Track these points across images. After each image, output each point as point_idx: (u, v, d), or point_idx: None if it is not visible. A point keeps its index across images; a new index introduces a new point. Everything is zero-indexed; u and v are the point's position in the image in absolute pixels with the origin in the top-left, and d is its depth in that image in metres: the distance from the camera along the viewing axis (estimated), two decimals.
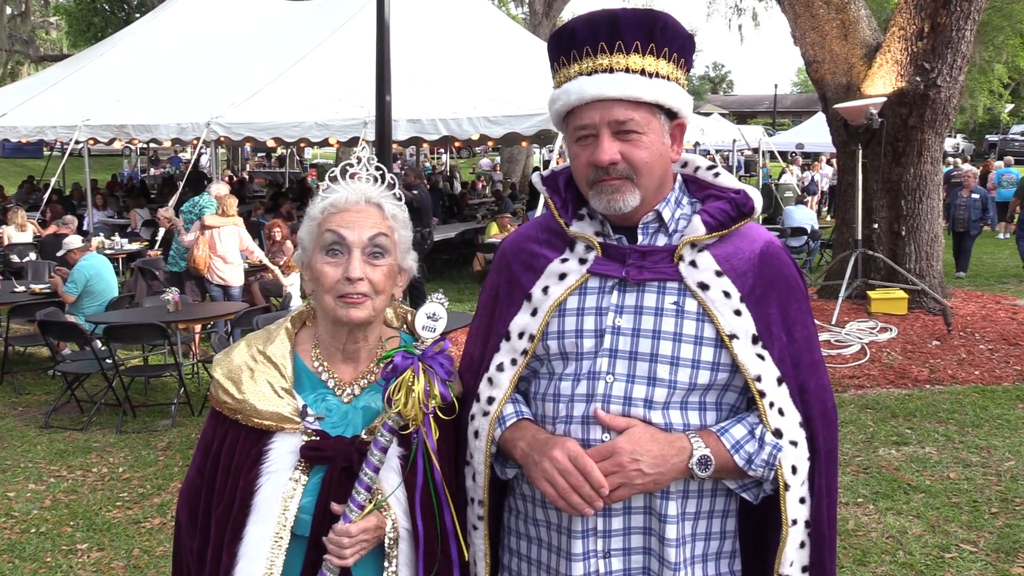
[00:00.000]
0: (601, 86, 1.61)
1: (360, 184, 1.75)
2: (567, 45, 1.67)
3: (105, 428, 6.61)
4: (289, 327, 1.79)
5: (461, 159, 37.67)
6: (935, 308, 8.99)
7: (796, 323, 1.68)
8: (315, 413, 1.70)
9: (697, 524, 1.67)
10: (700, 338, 1.63)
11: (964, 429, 6.10)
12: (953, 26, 8.83)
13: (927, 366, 7.53)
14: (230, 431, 1.72)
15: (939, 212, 9.64)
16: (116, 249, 12.33)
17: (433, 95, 11.41)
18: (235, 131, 11.89)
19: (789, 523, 1.63)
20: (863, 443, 5.84)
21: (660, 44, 1.63)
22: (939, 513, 4.76)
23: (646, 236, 1.70)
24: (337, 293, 1.67)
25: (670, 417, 1.63)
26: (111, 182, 22.57)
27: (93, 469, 5.76)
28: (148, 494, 5.29)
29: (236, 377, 1.72)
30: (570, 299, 1.70)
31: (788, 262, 1.72)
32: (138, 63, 14.98)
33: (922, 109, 9.10)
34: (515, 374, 1.71)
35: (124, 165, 30.97)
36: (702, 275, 1.65)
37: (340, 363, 1.76)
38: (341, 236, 1.68)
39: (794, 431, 1.63)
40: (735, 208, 1.68)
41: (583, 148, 1.65)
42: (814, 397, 1.68)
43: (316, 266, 1.70)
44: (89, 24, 27.70)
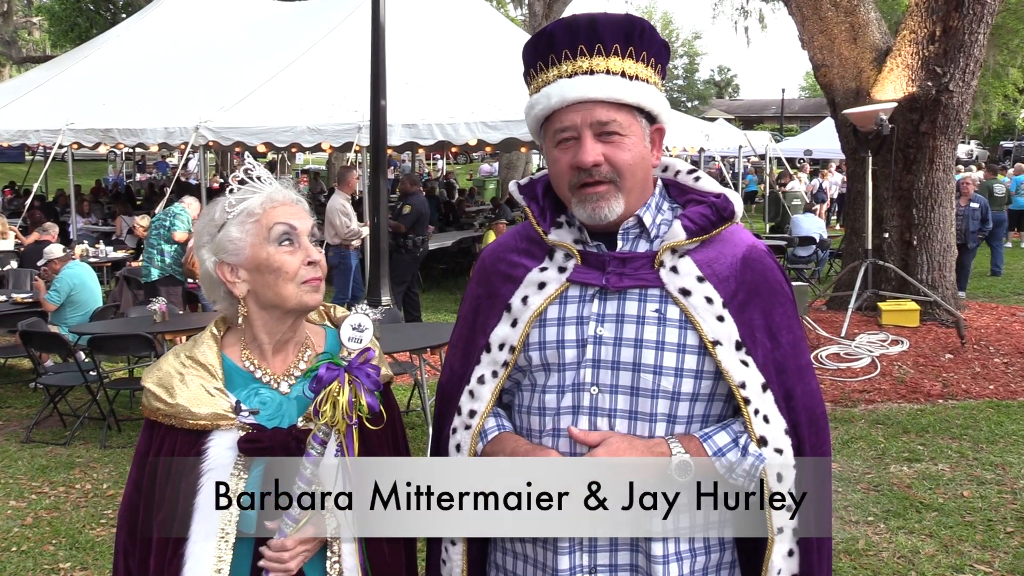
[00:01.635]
0: (583, 88, 1.65)
1: (269, 185, 1.83)
2: (545, 49, 1.71)
3: (89, 443, 6.61)
4: (215, 331, 1.85)
5: (458, 165, 37.73)
6: (948, 320, 9.02)
7: (781, 328, 1.71)
8: (249, 408, 1.77)
9: (691, 539, 1.69)
10: (683, 346, 1.66)
11: (978, 445, 6.11)
12: (966, 29, 8.88)
13: (940, 380, 7.55)
14: (166, 437, 1.77)
15: (952, 221, 9.67)
16: (100, 257, 12.34)
17: (429, 99, 11.45)
18: (224, 136, 11.91)
19: (775, 531, 1.65)
20: (874, 460, 5.86)
21: (639, 48, 1.68)
22: (952, 532, 4.77)
23: (626, 242, 1.73)
24: (301, 279, 1.76)
25: (656, 430, 1.66)
26: (95, 188, 22.61)
27: (76, 485, 5.76)
28: None
29: (167, 383, 1.78)
30: (551, 309, 1.73)
31: (772, 266, 1.75)
32: (124, 65, 15.02)
33: (934, 115, 9.15)
34: (496, 386, 1.75)
35: (109, 170, 30.96)
36: (683, 281, 1.68)
37: (271, 357, 1.83)
38: (292, 226, 1.77)
39: (780, 438, 1.66)
40: (715, 212, 1.72)
41: (564, 152, 1.69)
42: (800, 403, 1.70)
43: (274, 258, 1.75)
44: (73, 24, 27.77)
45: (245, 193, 1.80)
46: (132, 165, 30.21)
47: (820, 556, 1.71)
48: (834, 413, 6.80)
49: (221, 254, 1.79)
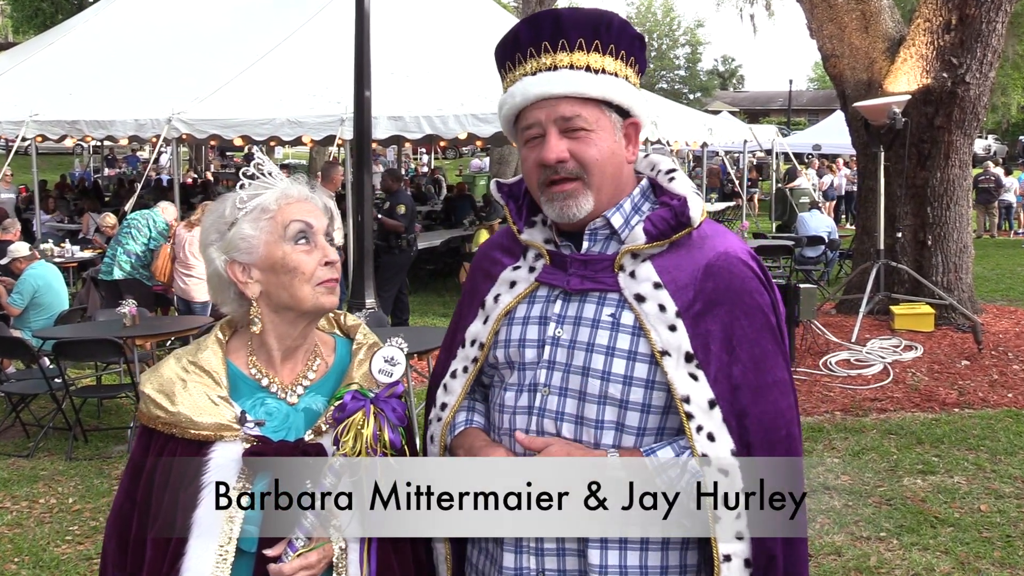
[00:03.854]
0: (544, 84, 1.71)
1: (282, 181, 1.82)
2: (511, 49, 1.77)
3: (54, 454, 6.58)
4: (220, 336, 1.84)
5: (447, 160, 37.75)
6: (964, 324, 9.05)
7: (742, 341, 1.69)
8: (255, 418, 1.76)
9: (628, 555, 1.69)
10: (634, 353, 1.69)
11: (996, 457, 6.14)
12: (983, 18, 8.93)
13: (956, 388, 7.58)
14: (165, 447, 1.76)
15: (968, 220, 9.71)
16: (67, 257, 12.31)
17: (417, 90, 11.45)
18: (199, 128, 11.88)
19: (721, 558, 1.64)
20: (886, 472, 5.87)
21: (605, 41, 1.72)
22: (969, 549, 4.79)
23: (594, 243, 1.78)
24: (318, 280, 1.76)
25: (602, 438, 1.69)
26: (61, 183, 22.51)
27: (40, 500, 5.73)
28: (101, 527, 5.26)
29: (168, 390, 1.77)
30: (519, 307, 1.82)
31: (744, 275, 1.73)
32: (92, 52, 14.96)
33: (949, 108, 9.19)
34: (467, 382, 1.85)
35: (75, 165, 30.90)
36: (640, 287, 1.71)
37: (279, 365, 1.82)
38: (309, 224, 1.77)
39: (724, 459, 1.63)
40: (674, 217, 1.73)
41: (531, 150, 1.75)
42: (756, 423, 1.67)
43: (290, 257, 1.75)
44: (37, 10, 27.72)
45: (257, 188, 1.79)
46: (100, 159, 30.07)
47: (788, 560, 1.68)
48: (844, 423, 6.83)
49: (232, 252, 1.77)
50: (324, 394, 1.82)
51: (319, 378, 1.85)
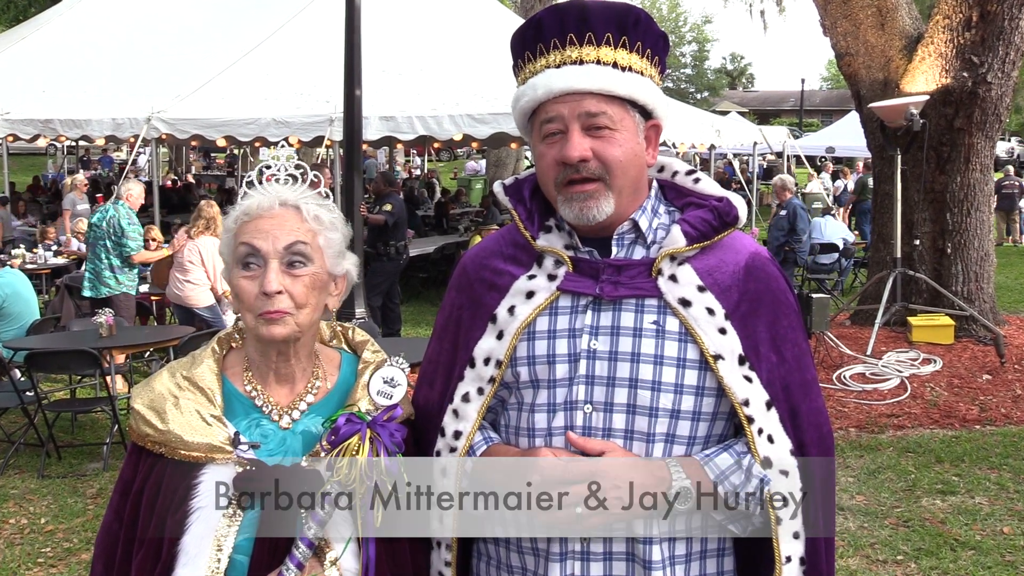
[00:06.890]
0: (571, 78, 1.70)
1: (276, 187, 1.80)
2: (533, 39, 1.76)
3: (25, 472, 6.57)
4: (216, 349, 1.85)
5: (441, 162, 37.79)
6: (986, 337, 9.07)
7: (786, 341, 1.76)
8: (249, 441, 1.75)
9: (689, 568, 1.73)
10: (683, 360, 1.71)
11: (1020, 476, 6.15)
12: (1005, 14, 8.97)
13: (977, 403, 7.60)
14: (154, 467, 1.76)
15: (989, 227, 9.73)
16: (39, 263, 12.30)
17: (410, 89, 11.48)
18: (180, 128, 11.92)
19: (783, 560, 1.70)
20: (903, 492, 5.89)
21: (632, 38, 1.72)
22: (991, 573, 4.79)
23: (621, 248, 1.77)
24: (256, 311, 1.72)
25: (653, 451, 1.70)
26: (33, 185, 22.53)
27: (11, 520, 5.72)
28: (75, 549, 5.26)
29: (159, 407, 1.77)
30: (539, 320, 1.76)
31: (776, 275, 1.80)
32: (67, 48, 14.98)
33: (970, 109, 9.23)
34: (483, 404, 1.78)
35: (48, 166, 30.86)
36: (683, 290, 1.72)
37: (274, 385, 1.81)
38: (255, 247, 1.73)
39: (785, 460, 1.71)
40: (717, 217, 1.76)
41: (550, 146, 1.73)
42: (807, 421, 1.76)
43: (234, 282, 1.77)
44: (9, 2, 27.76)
45: (247, 199, 1.80)
46: (74, 160, 30.08)
47: None
48: (859, 440, 6.84)
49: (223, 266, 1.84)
50: (326, 416, 1.80)
51: (320, 399, 1.83)
